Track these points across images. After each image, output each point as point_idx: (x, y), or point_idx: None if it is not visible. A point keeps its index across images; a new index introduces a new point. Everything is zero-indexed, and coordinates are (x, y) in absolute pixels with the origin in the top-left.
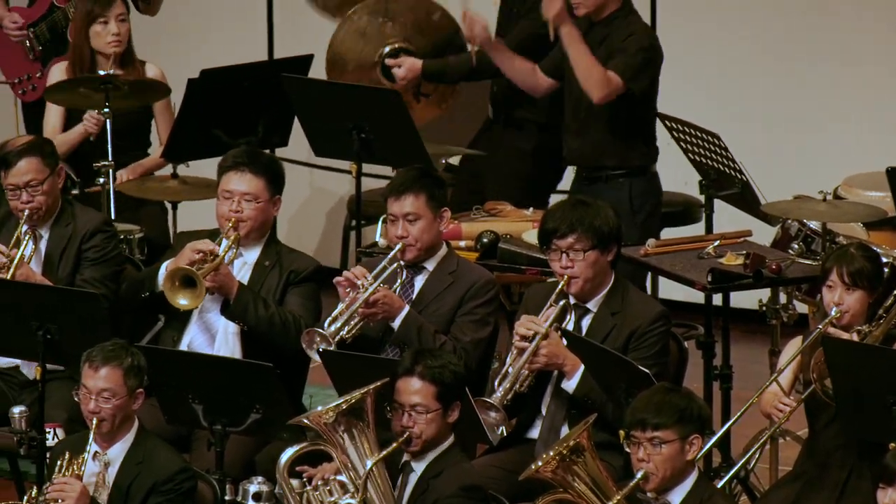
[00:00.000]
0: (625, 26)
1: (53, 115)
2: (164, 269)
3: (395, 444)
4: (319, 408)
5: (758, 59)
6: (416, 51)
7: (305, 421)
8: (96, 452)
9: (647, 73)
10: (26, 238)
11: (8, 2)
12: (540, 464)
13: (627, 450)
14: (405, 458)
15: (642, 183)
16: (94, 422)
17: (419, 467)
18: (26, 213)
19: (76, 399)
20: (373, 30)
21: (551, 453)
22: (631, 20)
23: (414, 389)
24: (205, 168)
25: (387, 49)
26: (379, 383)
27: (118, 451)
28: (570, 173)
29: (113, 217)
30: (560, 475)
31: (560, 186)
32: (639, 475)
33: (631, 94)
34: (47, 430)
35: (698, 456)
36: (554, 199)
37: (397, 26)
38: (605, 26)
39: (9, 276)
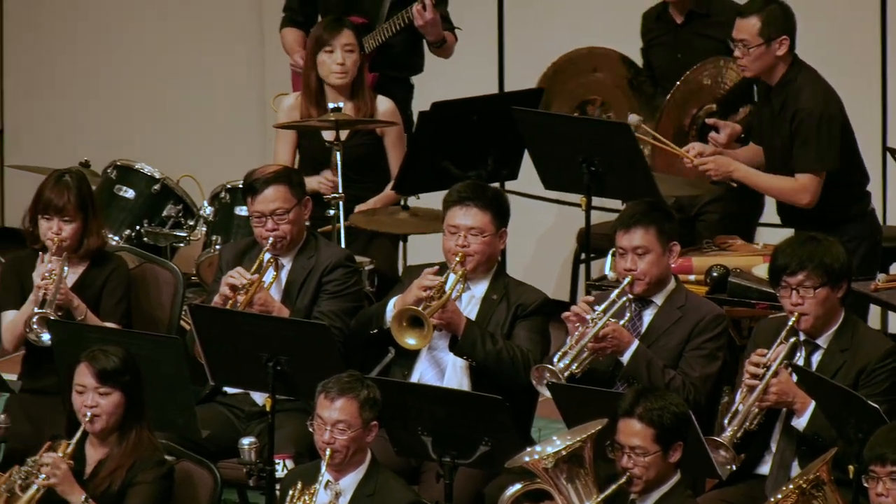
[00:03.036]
0: (794, 93)
1: (283, 146)
2: (391, 305)
3: (615, 486)
4: (538, 448)
5: None
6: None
7: (524, 465)
8: (328, 482)
9: (832, 144)
10: (268, 265)
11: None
12: (780, 496)
13: (865, 484)
14: (632, 496)
15: (856, 227)
16: (328, 452)
17: None
18: (270, 240)
19: (309, 429)
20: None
21: (791, 486)
22: (800, 84)
23: (633, 431)
24: (435, 200)
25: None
26: (598, 427)
27: (350, 481)
28: (770, 203)
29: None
30: None
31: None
32: None
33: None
34: (277, 461)
35: None
36: (762, 231)
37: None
38: (780, 91)
39: (246, 298)
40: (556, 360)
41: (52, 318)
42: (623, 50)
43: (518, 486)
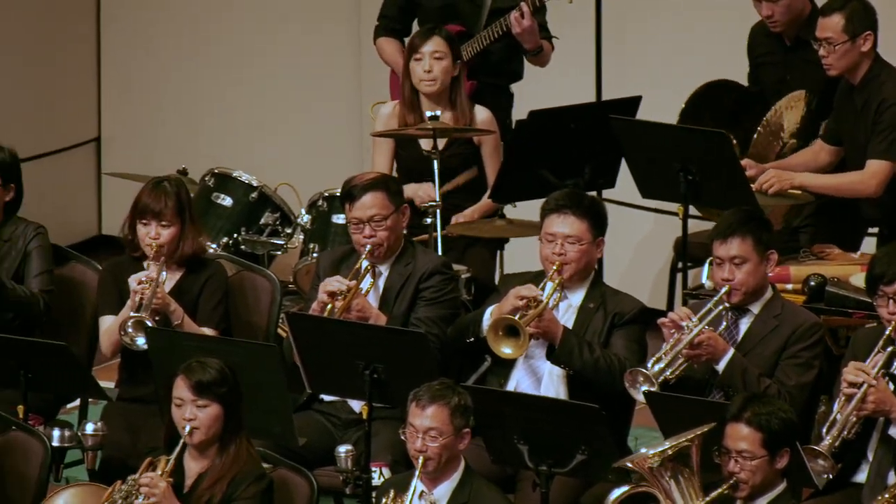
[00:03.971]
0: (877, 88)
1: (381, 155)
2: (488, 314)
3: (720, 490)
4: (645, 450)
5: None
6: None
7: (630, 465)
8: (422, 492)
9: None
10: (365, 272)
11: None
12: None
13: None
14: (737, 503)
15: None
16: (420, 461)
17: None
18: (367, 247)
19: (402, 438)
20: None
21: (887, 495)
22: (883, 79)
23: (741, 435)
24: (532, 209)
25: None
26: (705, 429)
27: (444, 490)
28: None
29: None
30: None
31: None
32: None
33: None
34: (373, 468)
35: None
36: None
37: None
38: (863, 89)
39: (343, 305)
40: (650, 364)
41: (147, 322)
42: (724, 60)
43: (624, 489)
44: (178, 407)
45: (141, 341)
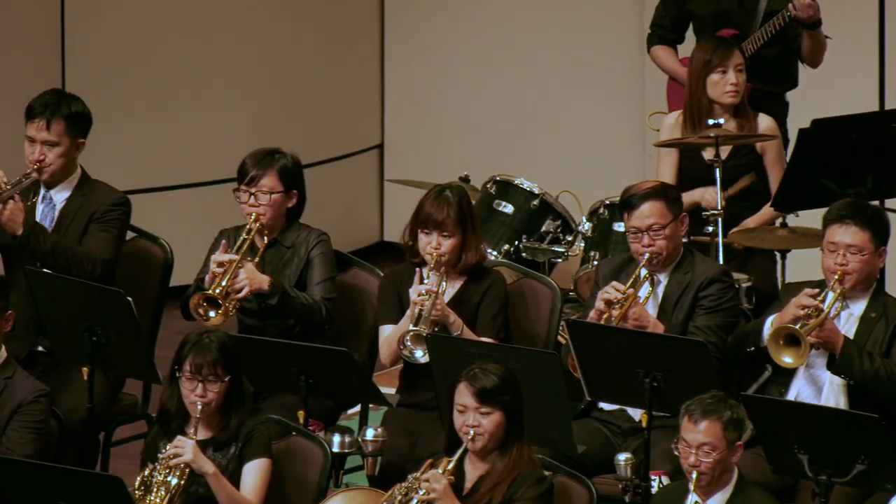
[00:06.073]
0: None
1: (665, 166)
2: (769, 323)
3: None
4: None
5: None
6: None
7: None
8: (696, 503)
9: None
10: (643, 281)
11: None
12: None
13: None
14: None
15: None
16: (694, 475)
17: None
18: (646, 256)
19: (674, 452)
20: None
21: None
22: None
23: None
24: (814, 218)
25: None
26: None
27: (717, 501)
28: None
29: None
30: None
31: None
32: None
33: None
34: (652, 477)
35: None
36: None
37: None
38: None
39: (620, 313)
40: None
41: (425, 335)
42: None
43: None
44: (460, 413)
45: (419, 354)
